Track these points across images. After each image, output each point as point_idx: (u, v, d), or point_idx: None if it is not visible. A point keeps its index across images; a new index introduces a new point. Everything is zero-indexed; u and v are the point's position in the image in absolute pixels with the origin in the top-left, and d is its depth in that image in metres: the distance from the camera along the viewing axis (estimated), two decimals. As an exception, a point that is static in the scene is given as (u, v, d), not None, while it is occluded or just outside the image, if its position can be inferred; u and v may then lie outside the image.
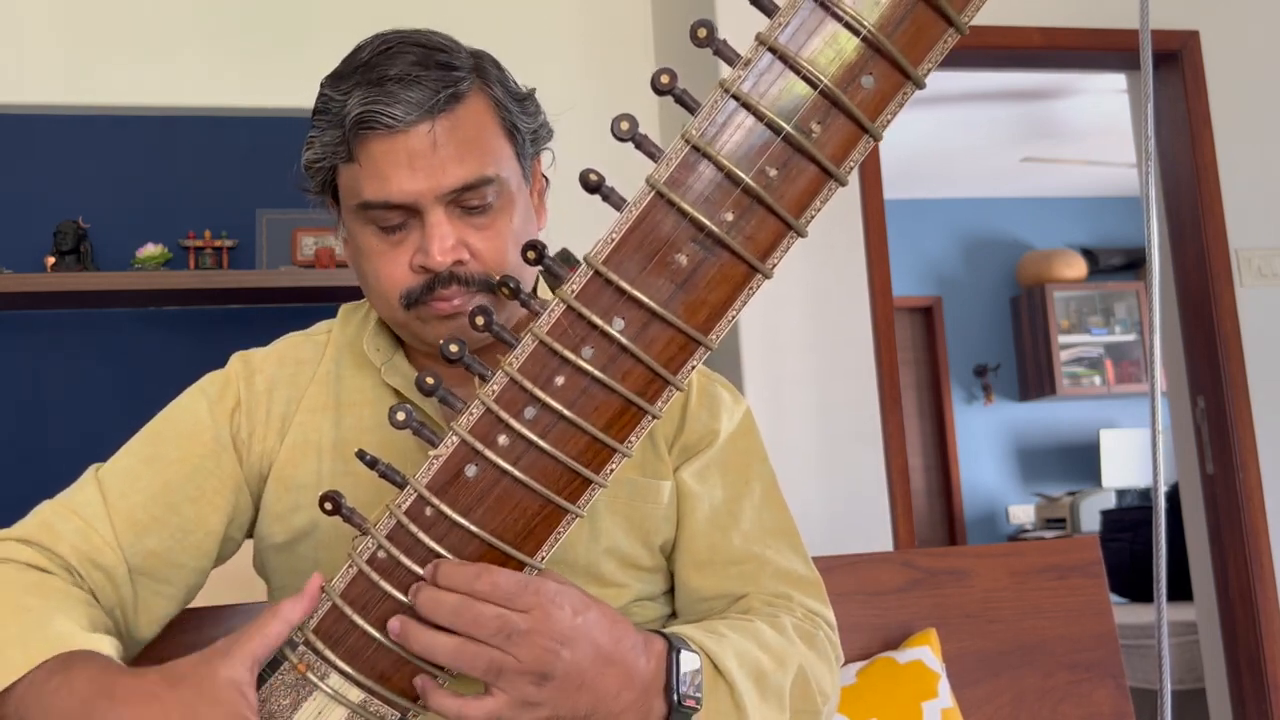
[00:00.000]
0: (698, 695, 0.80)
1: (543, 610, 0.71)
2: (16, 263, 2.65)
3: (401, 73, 0.88)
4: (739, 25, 0.63)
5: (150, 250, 2.69)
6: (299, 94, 2.93)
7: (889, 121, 0.62)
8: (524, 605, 0.71)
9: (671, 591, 1.03)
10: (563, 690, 0.72)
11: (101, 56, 2.75)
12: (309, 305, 2.78)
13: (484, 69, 0.94)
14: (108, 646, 0.79)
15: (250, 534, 1.02)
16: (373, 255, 0.93)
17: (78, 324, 2.78)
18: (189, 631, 1.08)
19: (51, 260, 2.64)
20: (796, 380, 2.61)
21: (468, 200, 0.90)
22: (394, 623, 0.71)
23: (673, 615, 1.03)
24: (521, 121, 0.95)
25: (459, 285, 0.90)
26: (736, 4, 0.62)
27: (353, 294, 1.03)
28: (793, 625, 0.95)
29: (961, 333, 5.98)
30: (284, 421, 0.99)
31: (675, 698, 0.79)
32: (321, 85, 0.94)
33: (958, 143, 5.16)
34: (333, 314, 1.08)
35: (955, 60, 3.04)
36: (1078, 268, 5.90)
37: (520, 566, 0.72)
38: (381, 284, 0.93)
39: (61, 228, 2.65)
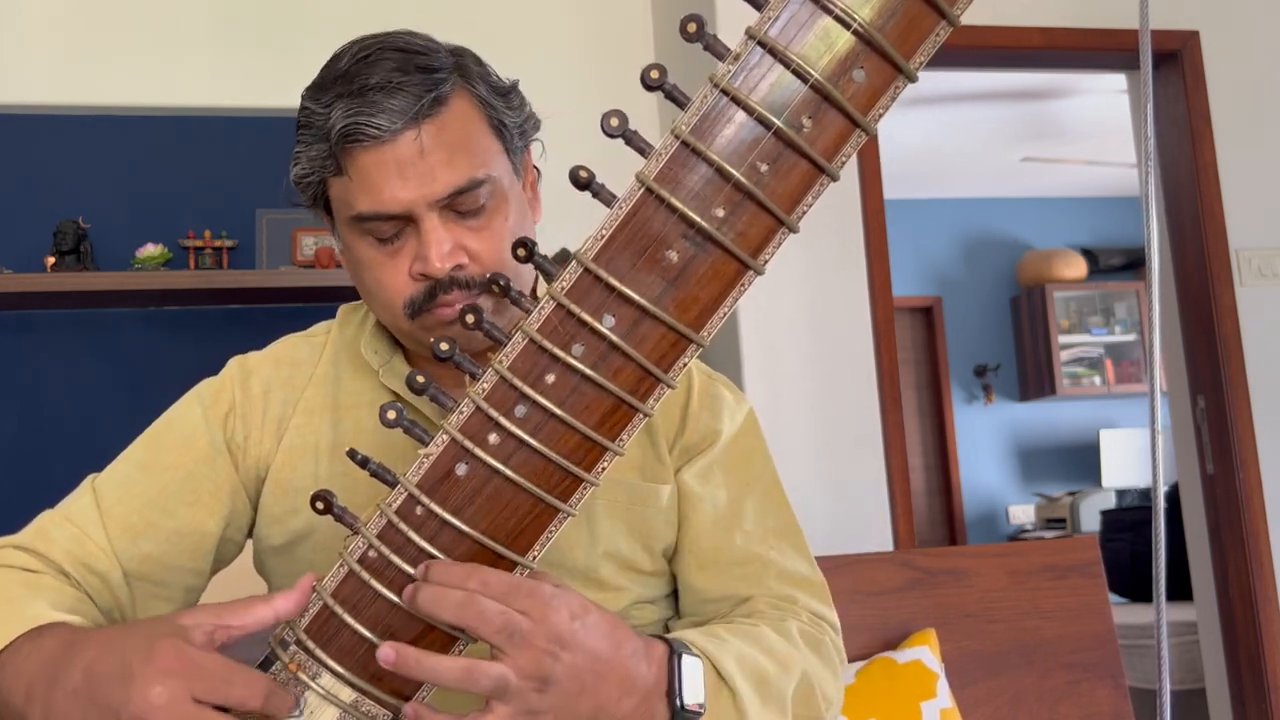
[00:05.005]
0: (700, 700, 0.79)
1: (540, 612, 0.69)
2: (16, 263, 2.64)
3: (382, 80, 0.87)
4: (739, 23, 0.62)
5: (150, 250, 2.69)
6: (298, 94, 2.94)
7: (881, 115, 0.62)
8: (520, 606, 0.69)
9: (671, 595, 1.02)
10: (564, 696, 0.70)
11: (101, 56, 2.75)
12: (309, 305, 2.78)
13: (465, 67, 0.92)
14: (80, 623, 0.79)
15: (251, 535, 1.02)
16: (372, 266, 0.92)
17: (78, 324, 2.77)
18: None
19: (51, 260, 2.64)
20: (796, 380, 2.60)
21: (461, 204, 0.89)
22: (387, 650, 0.69)
23: (674, 617, 1.02)
24: (508, 116, 0.93)
25: (460, 290, 0.89)
26: (736, 1, 0.62)
27: (354, 294, 1.03)
28: (799, 630, 0.95)
29: (961, 333, 5.97)
30: (280, 424, 0.99)
31: (678, 703, 0.78)
32: (302, 98, 0.92)
33: (958, 143, 5.15)
34: (333, 314, 1.08)
35: (956, 60, 3.04)
36: (1078, 268, 5.89)
37: (511, 566, 0.71)
38: (384, 294, 0.92)
39: (61, 228, 2.65)
